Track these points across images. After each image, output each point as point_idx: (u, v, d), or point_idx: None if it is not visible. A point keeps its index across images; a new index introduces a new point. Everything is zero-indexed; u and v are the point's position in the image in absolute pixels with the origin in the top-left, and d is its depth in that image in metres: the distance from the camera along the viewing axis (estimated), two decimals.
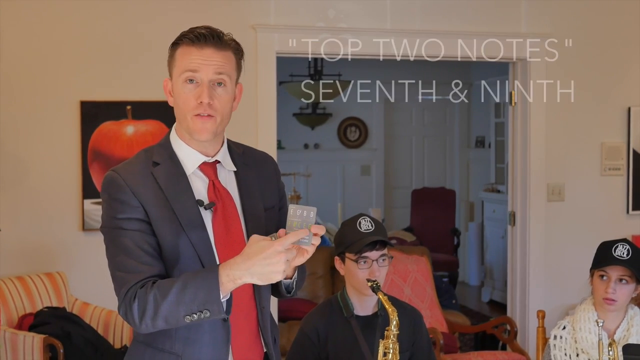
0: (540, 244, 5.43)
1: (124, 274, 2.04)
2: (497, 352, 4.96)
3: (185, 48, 2.13)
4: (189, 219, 2.09)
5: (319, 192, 9.31)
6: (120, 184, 2.09)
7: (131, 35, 4.75)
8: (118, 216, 2.07)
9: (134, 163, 2.17)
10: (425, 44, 5.20)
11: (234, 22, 4.85)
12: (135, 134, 4.75)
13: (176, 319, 1.97)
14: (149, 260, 2.05)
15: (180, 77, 2.12)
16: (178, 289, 1.96)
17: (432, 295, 5.34)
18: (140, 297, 1.99)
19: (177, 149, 2.18)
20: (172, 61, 2.16)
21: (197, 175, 2.16)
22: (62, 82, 4.67)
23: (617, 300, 2.97)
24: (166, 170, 2.13)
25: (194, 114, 2.11)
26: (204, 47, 2.12)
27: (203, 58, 2.11)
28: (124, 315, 2.04)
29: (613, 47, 5.52)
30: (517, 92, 5.47)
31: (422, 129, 9.85)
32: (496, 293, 8.23)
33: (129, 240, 2.05)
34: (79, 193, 4.69)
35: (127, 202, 2.07)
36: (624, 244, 2.98)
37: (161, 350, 2.11)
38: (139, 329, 2.03)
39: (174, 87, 2.16)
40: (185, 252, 2.08)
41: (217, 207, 2.14)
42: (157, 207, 2.08)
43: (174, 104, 2.18)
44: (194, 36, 2.12)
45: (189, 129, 2.13)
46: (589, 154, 5.52)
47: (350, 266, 2.87)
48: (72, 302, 4.57)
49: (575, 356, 3.02)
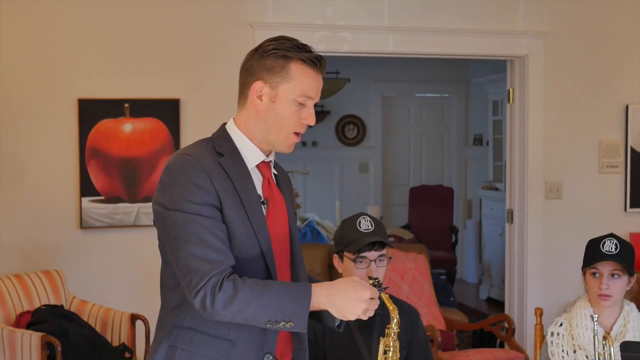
0: (538, 241, 5.44)
1: (202, 262, 2.03)
2: (495, 350, 4.97)
3: (305, 69, 2.16)
4: (254, 212, 2.14)
5: (317, 190, 9.32)
6: (198, 169, 2.09)
7: (129, 33, 4.74)
8: (195, 201, 2.06)
9: (201, 150, 2.17)
10: (423, 42, 5.20)
11: (232, 20, 4.85)
12: (133, 132, 4.74)
13: (259, 321, 2.03)
14: (224, 248, 2.07)
15: (295, 96, 2.15)
16: (272, 295, 2.02)
17: (430, 293, 5.34)
18: (229, 289, 2.01)
19: (238, 143, 2.20)
20: (284, 73, 2.15)
21: (255, 172, 2.22)
22: (59, 80, 4.67)
23: (612, 296, 2.98)
24: (232, 161, 2.16)
25: (293, 131, 2.18)
26: (319, 73, 2.20)
27: (318, 84, 2.19)
28: (200, 302, 2.02)
29: (611, 45, 5.52)
30: (515, 89, 5.47)
31: (420, 127, 9.86)
32: (494, 291, 8.23)
33: (205, 227, 2.05)
34: (77, 191, 4.69)
35: (205, 187, 2.08)
36: (611, 238, 2.99)
37: (214, 336, 2.12)
38: (214, 317, 2.04)
39: (279, 99, 2.16)
40: (250, 244, 2.13)
41: (270, 204, 2.21)
42: (229, 197, 2.11)
43: (264, 110, 2.18)
44: (315, 59, 2.17)
45: (278, 140, 2.19)
46: (586, 151, 5.52)
47: (348, 265, 2.87)
48: (70, 300, 4.57)
49: (572, 352, 3.03)
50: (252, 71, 2.19)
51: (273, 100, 2.16)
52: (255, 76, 2.18)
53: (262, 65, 2.17)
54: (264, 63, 2.17)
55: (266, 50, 2.18)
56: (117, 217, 4.75)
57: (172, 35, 4.80)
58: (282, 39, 2.19)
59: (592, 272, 3.02)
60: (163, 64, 4.80)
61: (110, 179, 4.72)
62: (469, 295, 8.62)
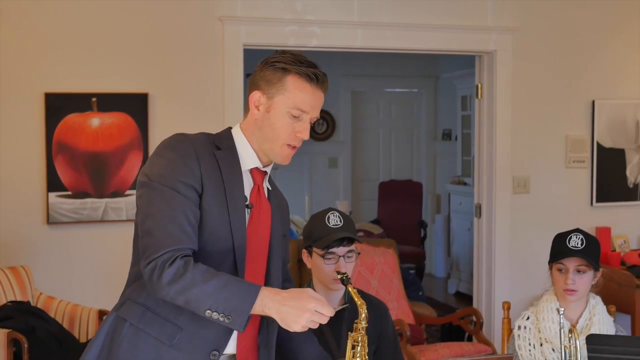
0: (506, 236, 5.48)
1: (164, 236, 2.05)
2: (463, 343, 5.00)
3: (301, 82, 2.18)
4: (236, 208, 2.17)
5: (286, 185, 9.29)
6: (189, 149, 2.14)
7: (96, 27, 4.70)
8: (177, 178, 2.10)
9: (200, 138, 2.22)
10: (392, 37, 5.21)
11: (200, 14, 4.83)
12: (100, 126, 4.70)
13: (199, 306, 2.02)
14: (189, 230, 2.08)
15: (288, 108, 2.18)
16: (218, 284, 2.01)
17: (399, 287, 5.37)
18: (178, 268, 2.02)
19: (239, 145, 2.25)
20: (279, 85, 2.18)
21: (247, 176, 2.25)
22: (26, 74, 4.61)
23: (578, 290, 3.02)
24: (227, 157, 2.20)
25: (286, 143, 2.20)
26: (318, 88, 2.21)
27: (315, 99, 2.20)
28: (149, 272, 2.04)
29: (577, 41, 5.58)
30: (484, 85, 5.50)
31: (389, 122, 9.89)
32: (462, 285, 8.29)
33: (179, 204, 2.08)
34: (44, 186, 4.64)
35: (191, 168, 2.12)
36: (577, 234, 3.02)
37: (164, 318, 2.14)
38: (157, 292, 2.05)
39: (273, 110, 2.19)
40: (223, 236, 2.14)
41: (254, 211, 2.23)
42: (213, 186, 2.14)
43: (260, 119, 2.21)
44: (313, 75, 2.18)
45: (272, 150, 2.22)
46: (554, 146, 5.58)
47: (317, 261, 2.87)
48: (37, 296, 4.52)
49: (539, 346, 3.06)
50: (254, 81, 2.24)
51: (268, 110, 2.20)
52: (255, 86, 2.23)
53: (262, 76, 2.22)
54: (264, 74, 2.21)
55: (268, 62, 2.22)
56: (84, 213, 4.71)
57: (140, 29, 4.77)
58: (288, 54, 2.23)
59: (558, 268, 3.05)
60: (131, 58, 4.76)
61: (78, 174, 4.68)
62: (438, 290, 8.67)
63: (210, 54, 4.88)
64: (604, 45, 5.63)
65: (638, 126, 5.72)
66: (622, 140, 5.71)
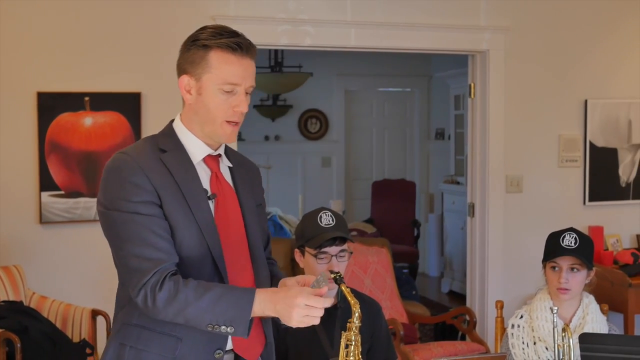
0: (499, 235, 5.49)
1: (142, 261, 2.03)
2: (456, 342, 5.01)
3: (224, 55, 2.10)
4: (199, 206, 2.13)
5: (279, 184, 9.30)
6: (134, 167, 2.08)
7: (89, 26, 4.69)
8: (132, 199, 2.06)
9: (141, 147, 2.17)
10: (385, 36, 5.22)
11: (193, 12, 4.82)
12: (93, 126, 4.69)
13: (199, 323, 2.02)
14: (165, 246, 2.05)
15: (218, 85, 2.11)
16: (212, 298, 2.00)
17: (392, 287, 5.37)
18: (169, 289, 2.01)
19: (183, 139, 2.19)
20: (204, 64, 2.11)
21: (201, 166, 2.20)
22: (18, 73, 4.60)
23: (571, 289, 3.03)
24: (174, 157, 2.15)
25: (225, 120, 2.14)
26: (244, 57, 2.12)
27: (244, 69, 2.12)
28: (142, 300, 2.03)
29: (570, 40, 5.59)
30: (476, 84, 5.51)
31: (383, 121, 9.89)
32: (455, 284, 8.30)
33: (144, 225, 2.05)
34: (36, 185, 4.63)
35: (142, 185, 2.07)
36: (571, 233, 3.03)
37: (160, 333, 2.11)
38: (157, 315, 2.04)
39: (204, 90, 2.13)
40: (195, 239, 2.11)
41: (219, 199, 2.19)
42: (170, 192, 2.10)
43: (194, 103, 2.16)
44: (235, 45, 2.10)
45: (215, 132, 2.16)
46: (546, 146, 5.59)
47: (309, 260, 2.87)
48: (30, 295, 4.51)
49: (532, 344, 3.07)
50: (180, 66, 2.18)
51: (199, 92, 2.14)
52: (181, 70, 2.17)
53: (185, 59, 2.15)
54: (187, 56, 2.15)
55: (187, 43, 2.16)
56: (77, 212, 4.70)
57: (133, 28, 4.76)
58: (204, 28, 2.15)
59: (552, 266, 3.06)
60: (124, 57, 4.76)
61: (71, 174, 4.67)
62: (431, 289, 8.68)
63: None
64: (596, 44, 5.64)
65: (631, 125, 5.73)
66: (614, 139, 5.72)
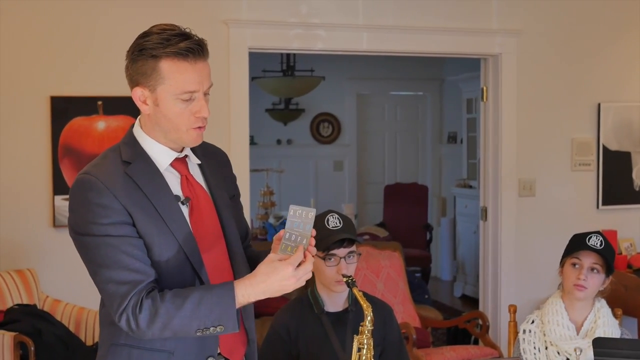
0: (512, 239, 5.47)
1: (119, 285, 1.98)
2: (469, 347, 4.99)
3: (176, 64, 2.01)
4: (172, 216, 2.07)
5: (291, 188, 9.31)
6: (99, 187, 2.01)
7: (102, 30, 4.71)
8: (101, 222, 1.99)
9: (105, 164, 2.09)
10: (397, 40, 5.21)
11: (205, 17, 4.83)
12: (106, 130, 4.71)
13: (187, 332, 1.99)
14: (140, 266, 2.00)
15: (175, 95, 2.02)
16: (193, 304, 1.96)
17: (404, 291, 5.36)
18: (149, 308, 1.97)
19: (146, 146, 2.11)
20: (156, 75, 2.02)
21: (170, 171, 2.13)
22: (32, 78, 4.62)
23: (588, 288, 3.01)
24: (140, 168, 2.07)
25: (190, 128, 2.07)
26: (197, 61, 2.03)
27: (199, 74, 2.03)
28: (125, 324, 1.98)
29: (583, 44, 5.57)
30: (489, 87, 5.50)
31: (395, 125, 9.89)
32: (468, 288, 8.28)
33: (116, 247, 1.98)
34: (50, 189, 4.65)
35: (110, 205, 1.99)
36: (598, 235, 3.03)
37: (150, 349, 2.07)
38: (142, 337, 2.01)
39: (161, 101, 2.04)
40: (172, 250, 2.06)
41: (192, 202, 2.13)
42: (140, 207, 2.03)
43: (153, 114, 2.07)
44: (185, 51, 2.00)
45: (180, 138, 2.09)
46: (559, 149, 5.57)
47: (318, 263, 2.87)
48: (43, 299, 4.53)
49: (544, 349, 3.05)
50: (130, 77, 2.09)
51: (156, 103, 2.05)
52: (133, 82, 2.08)
53: (135, 70, 2.06)
54: (136, 67, 2.06)
55: (133, 52, 2.06)
56: None
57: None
58: (148, 34, 2.05)
59: (573, 263, 3.04)
60: None
61: None
62: (444, 293, 8.66)
63: (215, 57, 4.81)
64: (609, 47, 5.62)
65: None
66: (628, 143, 5.70)
